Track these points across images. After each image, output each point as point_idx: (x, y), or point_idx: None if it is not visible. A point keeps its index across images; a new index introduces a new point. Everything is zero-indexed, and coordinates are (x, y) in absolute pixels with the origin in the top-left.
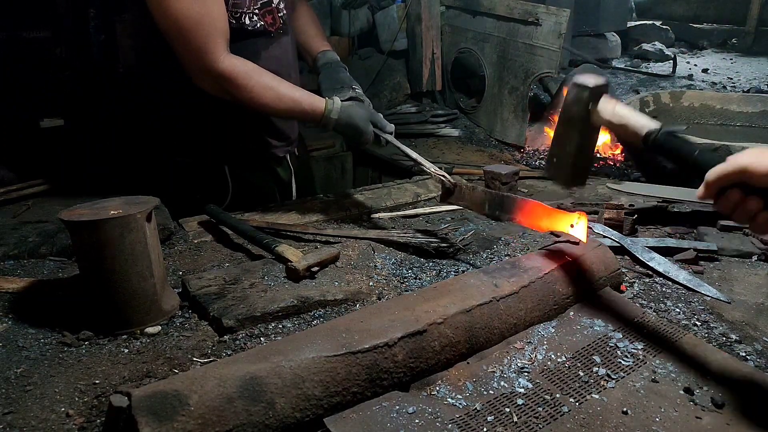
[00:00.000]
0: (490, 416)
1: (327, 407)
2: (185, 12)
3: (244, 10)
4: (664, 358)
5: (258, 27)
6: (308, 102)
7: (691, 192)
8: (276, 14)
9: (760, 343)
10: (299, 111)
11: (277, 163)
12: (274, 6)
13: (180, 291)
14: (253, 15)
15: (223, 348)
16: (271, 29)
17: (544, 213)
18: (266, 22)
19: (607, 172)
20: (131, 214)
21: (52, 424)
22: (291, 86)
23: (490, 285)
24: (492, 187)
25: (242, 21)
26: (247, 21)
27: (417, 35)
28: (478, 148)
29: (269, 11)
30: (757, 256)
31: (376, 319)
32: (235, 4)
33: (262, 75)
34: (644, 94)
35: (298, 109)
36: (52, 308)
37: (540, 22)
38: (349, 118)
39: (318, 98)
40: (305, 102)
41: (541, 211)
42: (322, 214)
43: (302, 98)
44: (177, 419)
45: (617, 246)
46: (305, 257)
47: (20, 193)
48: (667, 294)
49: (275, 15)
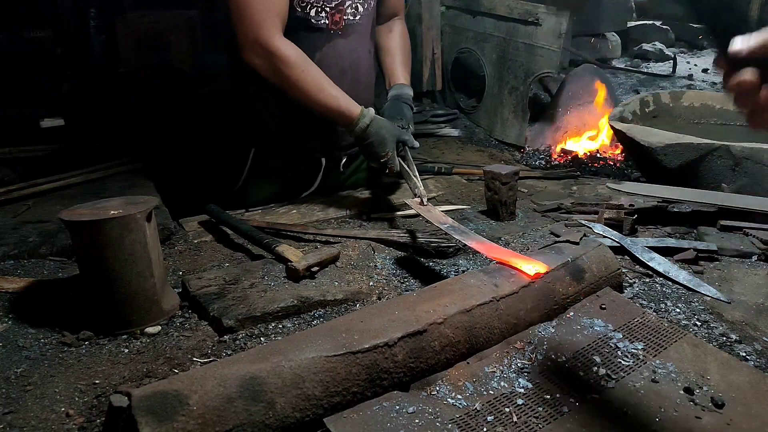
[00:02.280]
0: (490, 416)
1: (327, 407)
2: None
3: (313, 2)
4: (664, 358)
5: (321, 23)
6: (345, 102)
7: (691, 192)
8: (343, 15)
9: (760, 343)
10: (335, 107)
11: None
12: (345, 8)
13: (180, 291)
14: (322, 11)
15: (223, 348)
16: (333, 28)
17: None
18: (332, 20)
19: (607, 172)
20: (131, 214)
21: (52, 424)
22: (333, 85)
23: (490, 285)
24: (492, 187)
25: (308, 12)
26: (313, 14)
27: (417, 35)
28: (478, 148)
29: (339, 11)
30: (757, 256)
31: (376, 319)
32: None
33: (311, 64)
34: (644, 94)
35: (335, 104)
36: (52, 308)
37: (540, 22)
38: (379, 128)
39: (355, 104)
40: (342, 101)
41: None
42: (322, 214)
43: (340, 97)
44: (177, 419)
45: (617, 246)
46: (305, 257)
47: (20, 193)
48: (667, 294)
49: (342, 16)
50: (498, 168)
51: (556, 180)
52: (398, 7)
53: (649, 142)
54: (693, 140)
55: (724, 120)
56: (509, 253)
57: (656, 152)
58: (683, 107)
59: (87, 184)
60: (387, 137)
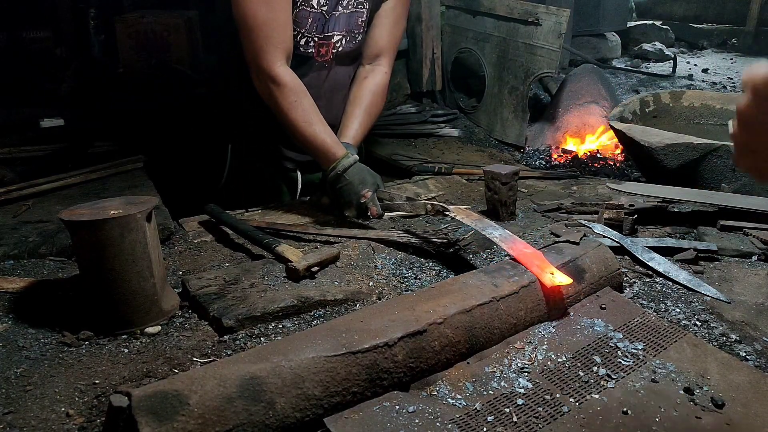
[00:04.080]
0: (490, 416)
1: (327, 407)
2: (253, 11)
3: (303, 32)
4: (664, 358)
5: (309, 53)
6: (331, 141)
7: (691, 192)
8: (330, 48)
9: (760, 343)
10: (320, 143)
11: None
12: (333, 42)
13: (180, 291)
14: (311, 41)
15: (223, 348)
16: (318, 59)
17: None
18: (319, 52)
19: (607, 172)
20: (131, 214)
21: (52, 424)
22: (324, 122)
23: (490, 285)
24: (492, 187)
25: (298, 41)
26: (302, 43)
27: (417, 35)
28: (478, 148)
29: (326, 44)
30: (757, 256)
31: (376, 319)
32: (297, 23)
33: (306, 96)
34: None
35: (320, 140)
36: (52, 308)
37: (540, 22)
38: (360, 170)
39: (342, 146)
40: (328, 139)
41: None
42: (322, 214)
43: (327, 135)
44: (177, 419)
45: (617, 246)
46: (305, 257)
47: (20, 193)
48: (667, 294)
49: (329, 48)
50: (498, 168)
51: (556, 180)
52: (384, 49)
53: (649, 142)
54: (693, 140)
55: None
56: (537, 259)
57: (656, 152)
58: (683, 107)
59: (87, 184)
60: (367, 178)
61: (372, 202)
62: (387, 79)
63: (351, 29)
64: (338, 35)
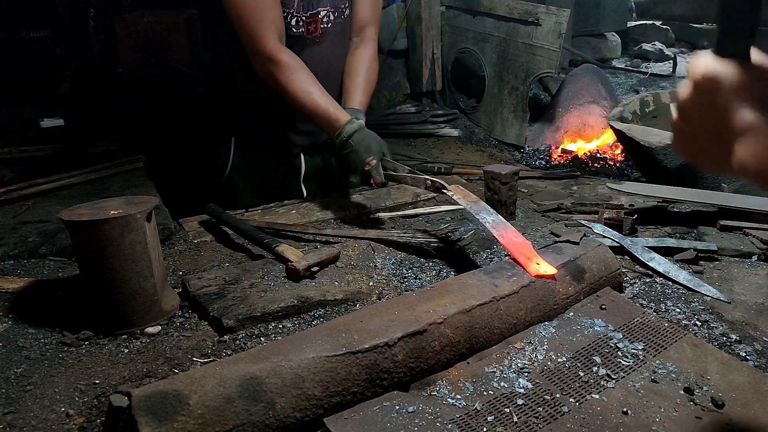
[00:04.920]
0: (490, 416)
1: (327, 407)
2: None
3: (292, 12)
4: (664, 358)
5: (299, 32)
6: (334, 108)
7: (691, 192)
8: (318, 24)
9: (760, 343)
10: (322, 110)
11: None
12: (320, 17)
13: (180, 291)
14: (300, 20)
15: (223, 348)
16: (308, 36)
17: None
18: (307, 29)
19: (607, 172)
20: (131, 214)
21: (52, 424)
22: (324, 91)
23: (489, 285)
24: (492, 187)
25: (289, 21)
26: (293, 23)
27: (417, 35)
28: (478, 148)
29: (314, 21)
30: (757, 256)
31: (376, 319)
32: (285, 3)
33: (302, 69)
34: (644, 94)
35: (322, 108)
36: (52, 308)
37: (540, 22)
38: (366, 136)
39: (344, 112)
40: (331, 106)
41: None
42: (321, 214)
43: (329, 102)
44: (177, 419)
45: (617, 246)
46: (305, 257)
47: (20, 193)
48: (667, 294)
49: (317, 25)
50: (498, 168)
51: (556, 180)
52: (368, 21)
53: (649, 142)
54: None
55: None
56: (525, 249)
57: (656, 152)
58: None
59: (87, 184)
60: (373, 145)
61: (376, 170)
62: (375, 47)
63: (337, 5)
64: (324, 11)
